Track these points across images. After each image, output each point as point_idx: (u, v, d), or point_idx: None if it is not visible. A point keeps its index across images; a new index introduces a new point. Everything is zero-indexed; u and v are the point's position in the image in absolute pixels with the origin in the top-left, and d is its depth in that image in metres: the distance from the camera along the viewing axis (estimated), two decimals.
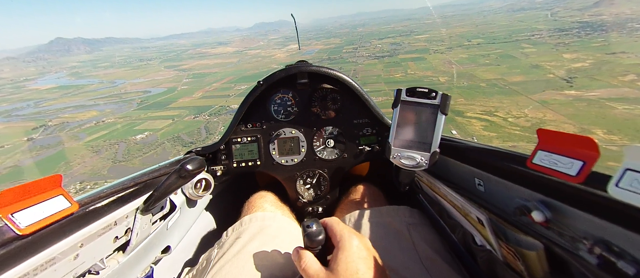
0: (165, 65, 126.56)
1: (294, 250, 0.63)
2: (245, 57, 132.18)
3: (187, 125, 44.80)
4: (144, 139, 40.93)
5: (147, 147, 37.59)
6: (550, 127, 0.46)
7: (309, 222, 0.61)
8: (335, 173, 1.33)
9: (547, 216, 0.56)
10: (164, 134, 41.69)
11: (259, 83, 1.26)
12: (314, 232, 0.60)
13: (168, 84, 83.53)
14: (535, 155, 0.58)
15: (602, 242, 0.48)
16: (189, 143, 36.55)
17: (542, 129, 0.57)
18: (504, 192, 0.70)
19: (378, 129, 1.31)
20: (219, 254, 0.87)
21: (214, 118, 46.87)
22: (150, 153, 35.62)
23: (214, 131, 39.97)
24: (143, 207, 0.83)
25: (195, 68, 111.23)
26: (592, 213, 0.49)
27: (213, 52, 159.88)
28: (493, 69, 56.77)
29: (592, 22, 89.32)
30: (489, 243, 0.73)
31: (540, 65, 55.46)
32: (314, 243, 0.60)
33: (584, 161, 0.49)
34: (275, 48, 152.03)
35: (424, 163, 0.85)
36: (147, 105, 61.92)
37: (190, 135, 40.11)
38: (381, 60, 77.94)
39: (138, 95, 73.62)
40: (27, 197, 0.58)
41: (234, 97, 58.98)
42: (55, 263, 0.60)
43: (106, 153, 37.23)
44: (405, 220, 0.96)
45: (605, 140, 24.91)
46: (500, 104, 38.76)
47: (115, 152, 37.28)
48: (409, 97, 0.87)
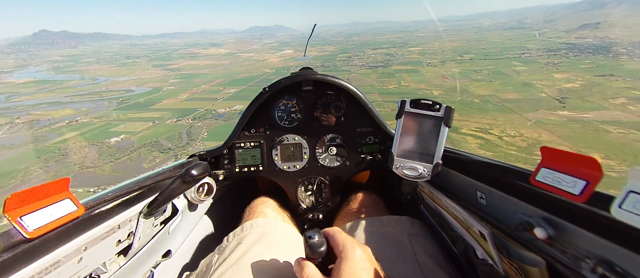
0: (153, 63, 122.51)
1: (296, 260, 0.63)
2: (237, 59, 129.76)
3: (169, 129, 41.97)
4: (118, 142, 37.81)
5: (120, 152, 34.55)
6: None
7: (310, 233, 0.61)
8: (336, 181, 1.34)
9: (550, 233, 0.56)
10: (141, 138, 38.71)
11: (265, 90, 1.27)
12: (316, 243, 0.59)
13: (154, 83, 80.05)
14: (539, 172, 0.58)
15: (605, 262, 0.48)
16: (167, 149, 33.82)
17: (545, 146, 0.57)
18: (506, 206, 0.70)
19: (380, 137, 1.32)
20: (220, 260, 0.86)
21: (197, 122, 44.16)
22: (123, 159, 32.64)
23: (196, 137, 37.34)
24: (146, 210, 0.84)
25: (185, 68, 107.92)
26: (596, 232, 0.49)
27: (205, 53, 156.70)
28: (486, 85, 56.75)
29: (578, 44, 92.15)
30: (491, 258, 0.73)
31: (532, 84, 55.82)
32: (315, 255, 0.59)
33: (587, 181, 0.49)
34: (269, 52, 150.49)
35: (426, 174, 0.87)
36: (128, 105, 58.57)
37: (170, 139, 37.34)
38: (375, 70, 77.40)
39: (120, 93, 69.96)
40: (36, 200, 0.59)
41: (221, 101, 56.53)
42: (59, 267, 0.60)
43: (74, 157, 33.90)
44: (407, 230, 0.95)
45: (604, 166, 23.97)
46: (495, 121, 38.02)
47: (84, 157, 33.99)
48: (413, 109, 0.88)
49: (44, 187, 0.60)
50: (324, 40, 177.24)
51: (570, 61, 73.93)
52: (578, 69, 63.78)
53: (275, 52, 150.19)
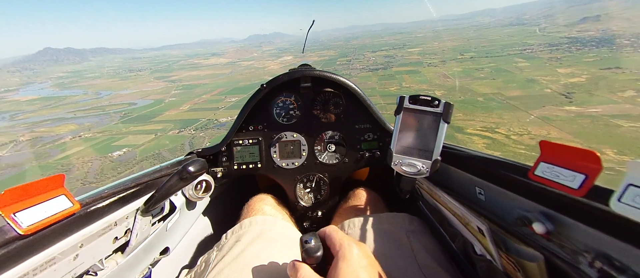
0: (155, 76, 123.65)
1: (290, 263, 0.62)
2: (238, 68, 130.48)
3: (171, 140, 41.86)
4: (121, 156, 37.70)
5: (123, 166, 34.39)
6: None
7: (307, 237, 0.60)
8: (335, 178, 1.33)
9: (549, 228, 0.56)
10: (144, 150, 38.57)
11: (262, 86, 1.26)
12: (312, 248, 0.59)
13: (156, 95, 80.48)
14: (537, 167, 0.57)
15: (604, 256, 0.48)
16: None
17: (544, 140, 0.58)
18: (504, 202, 0.70)
19: (379, 134, 1.31)
20: (218, 257, 0.86)
21: (200, 133, 44.04)
22: (125, 173, 32.32)
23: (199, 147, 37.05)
24: (143, 208, 0.83)
25: (186, 79, 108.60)
26: (594, 226, 0.49)
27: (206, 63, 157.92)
28: (489, 83, 56.02)
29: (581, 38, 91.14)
30: (489, 253, 0.73)
31: (536, 80, 54.98)
32: (311, 259, 0.59)
33: (586, 174, 0.49)
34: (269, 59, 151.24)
35: (425, 170, 0.87)
36: (131, 118, 58.69)
37: (172, 151, 37.11)
38: (375, 73, 77.11)
39: (123, 107, 70.33)
40: (30, 197, 0.58)
41: (223, 110, 56.45)
42: (55, 264, 0.59)
43: (77, 173, 33.78)
44: (405, 227, 0.95)
45: (617, 161, 23.14)
46: (501, 119, 37.24)
47: (86, 172, 33.88)
48: (411, 105, 0.87)
49: (38, 183, 0.59)
50: (323, 45, 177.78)
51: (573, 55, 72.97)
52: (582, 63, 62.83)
53: (275, 58, 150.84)
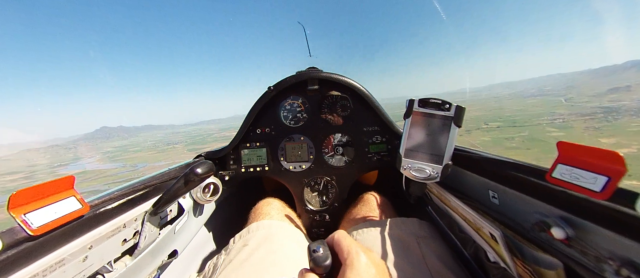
0: (188, 148, 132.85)
1: (300, 272, 0.62)
2: None
3: None
4: None
5: None
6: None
7: (315, 246, 0.60)
8: (343, 181, 1.31)
9: (569, 233, 0.53)
10: None
11: (270, 88, 1.25)
12: (320, 257, 0.58)
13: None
14: (555, 169, 0.54)
15: (631, 263, 0.44)
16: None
17: (562, 141, 0.55)
18: (520, 206, 0.67)
19: (388, 136, 1.29)
20: (226, 261, 0.86)
21: None
22: None
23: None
24: (152, 210, 0.84)
25: None
26: (620, 232, 0.45)
27: None
28: (523, 153, 52.19)
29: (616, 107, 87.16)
30: (503, 261, 0.69)
31: None
32: (319, 269, 0.58)
33: (609, 176, 0.45)
34: None
35: (435, 175, 0.83)
36: None
37: None
38: None
39: None
40: (40, 198, 0.58)
41: None
42: (64, 265, 0.60)
43: None
44: (415, 232, 0.93)
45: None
46: None
47: None
48: (421, 108, 0.84)
49: (48, 184, 0.60)
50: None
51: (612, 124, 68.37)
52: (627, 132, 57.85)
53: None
